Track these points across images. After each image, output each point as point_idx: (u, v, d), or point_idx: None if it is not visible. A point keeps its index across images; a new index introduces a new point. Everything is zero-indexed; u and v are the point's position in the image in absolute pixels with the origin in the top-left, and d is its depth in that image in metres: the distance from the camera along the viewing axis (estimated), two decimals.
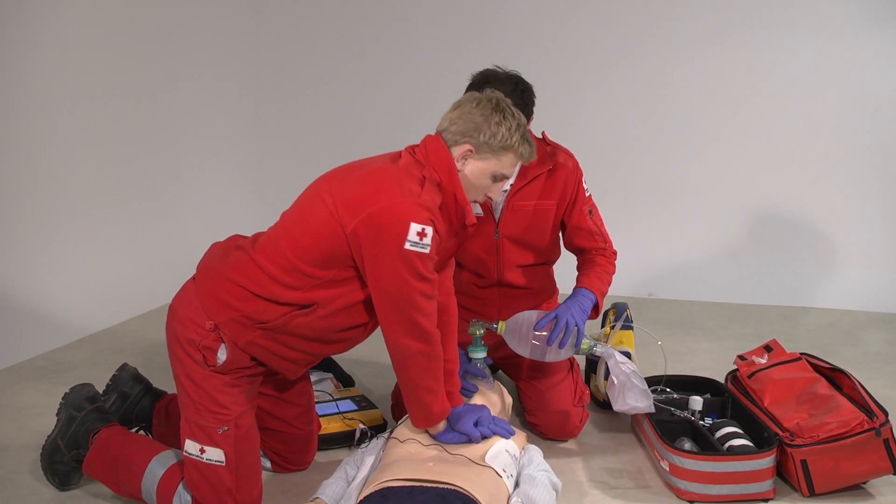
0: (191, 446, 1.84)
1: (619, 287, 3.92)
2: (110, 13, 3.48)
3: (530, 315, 2.27)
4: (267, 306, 1.82)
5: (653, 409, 2.22)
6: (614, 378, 2.22)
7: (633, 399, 2.19)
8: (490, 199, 1.96)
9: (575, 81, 4.08)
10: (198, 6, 4.06)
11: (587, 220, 2.42)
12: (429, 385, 1.89)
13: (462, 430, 1.95)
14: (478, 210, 2.39)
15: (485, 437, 1.95)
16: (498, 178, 1.89)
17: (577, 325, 2.21)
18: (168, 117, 3.89)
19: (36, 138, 3.14)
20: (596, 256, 2.42)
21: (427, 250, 1.74)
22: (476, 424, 1.97)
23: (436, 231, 1.76)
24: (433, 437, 1.96)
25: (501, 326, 2.27)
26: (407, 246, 1.72)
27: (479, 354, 2.24)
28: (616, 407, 2.23)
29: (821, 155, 3.93)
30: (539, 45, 4.07)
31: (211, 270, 1.90)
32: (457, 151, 1.86)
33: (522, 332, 2.25)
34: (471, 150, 1.85)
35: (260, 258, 1.84)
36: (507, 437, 1.99)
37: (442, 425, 1.96)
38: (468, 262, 2.49)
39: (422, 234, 1.73)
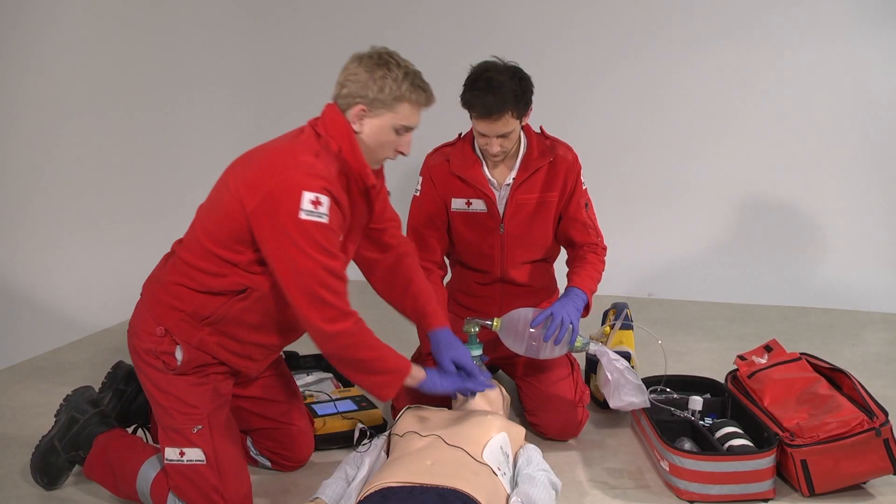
0: (170, 453, 1.86)
1: (619, 287, 3.95)
2: (111, 15, 3.47)
3: (526, 312, 2.27)
4: (205, 299, 1.83)
5: (648, 404, 2.24)
6: (608, 375, 2.24)
7: (629, 395, 2.22)
8: (402, 153, 1.92)
9: (575, 81, 4.08)
10: (199, 9, 4.06)
11: (582, 213, 2.44)
12: (366, 356, 1.85)
13: (441, 362, 2.01)
14: (481, 206, 2.40)
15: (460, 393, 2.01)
16: (400, 130, 1.87)
17: (571, 323, 2.22)
18: (169, 118, 3.89)
19: (36, 139, 3.14)
20: (587, 253, 2.43)
21: (325, 220, 1.72)
22: (457, 366, 2.03)
23: (334, 201, 1.74)
24: (418, 386, 1.96)
25: (496, 323, 2.27)
26: (302, 216, 1.69)
27: (476, 352, 2.25)
28: (612, 404, 2.25)
29: (821, 155, 3.93)
30: (540, 45, 4.07)
31: (152, 281, 1.95)
32: (351, 114, 1.83)
33: (518, 329, 2.25)
34: (364, 110, 1.82)
35: (185, 255, 1.86)
36: (489, 389, 2.08)
37: (418, 373, 1.94)
38: (471, 259, 2.49)
39: (316, 203, 1.70)
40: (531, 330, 2.23)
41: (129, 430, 2.18)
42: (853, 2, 3.77)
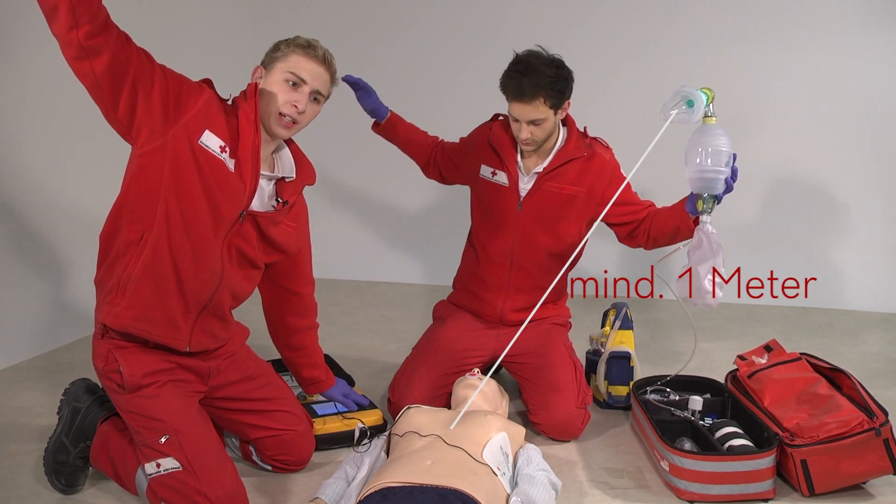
0: (149, 468, 1.87)
1: (620, 286, 3.95)
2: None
3: (722, 135, 2.25)
4: (112, 266, 1.87)
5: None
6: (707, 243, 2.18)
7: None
8: (297, 107, 1.92)
9: (580, 80, 4.07)
10: (200, 10, 4.06)
11: (636, 196, 2.53)
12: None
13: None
14: (504, 180, 2.46)
15: None
16: (292, 80, 1.93)
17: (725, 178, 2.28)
18: None
19: (35, 138, 3.14)
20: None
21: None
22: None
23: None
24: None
25: (713, 120, 2.21)
26: None
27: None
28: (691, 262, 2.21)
29: (821, 154, 3.93)
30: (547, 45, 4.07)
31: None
32: (254, 79, 1.98)
33: (707, 140, 2.24)
34: (261, 68, 1.98)
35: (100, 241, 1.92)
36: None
37: None
38: (487, 229, 2.53)
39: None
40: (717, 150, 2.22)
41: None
42: (853, 2, 3.77)
